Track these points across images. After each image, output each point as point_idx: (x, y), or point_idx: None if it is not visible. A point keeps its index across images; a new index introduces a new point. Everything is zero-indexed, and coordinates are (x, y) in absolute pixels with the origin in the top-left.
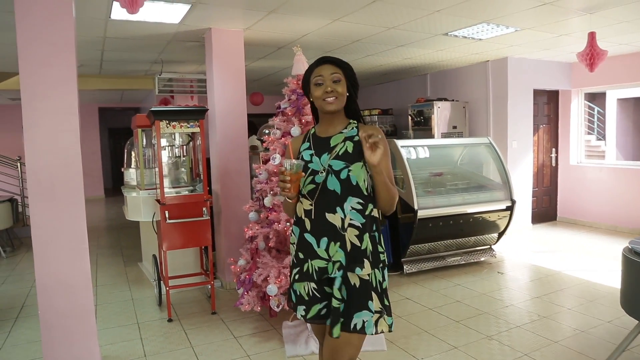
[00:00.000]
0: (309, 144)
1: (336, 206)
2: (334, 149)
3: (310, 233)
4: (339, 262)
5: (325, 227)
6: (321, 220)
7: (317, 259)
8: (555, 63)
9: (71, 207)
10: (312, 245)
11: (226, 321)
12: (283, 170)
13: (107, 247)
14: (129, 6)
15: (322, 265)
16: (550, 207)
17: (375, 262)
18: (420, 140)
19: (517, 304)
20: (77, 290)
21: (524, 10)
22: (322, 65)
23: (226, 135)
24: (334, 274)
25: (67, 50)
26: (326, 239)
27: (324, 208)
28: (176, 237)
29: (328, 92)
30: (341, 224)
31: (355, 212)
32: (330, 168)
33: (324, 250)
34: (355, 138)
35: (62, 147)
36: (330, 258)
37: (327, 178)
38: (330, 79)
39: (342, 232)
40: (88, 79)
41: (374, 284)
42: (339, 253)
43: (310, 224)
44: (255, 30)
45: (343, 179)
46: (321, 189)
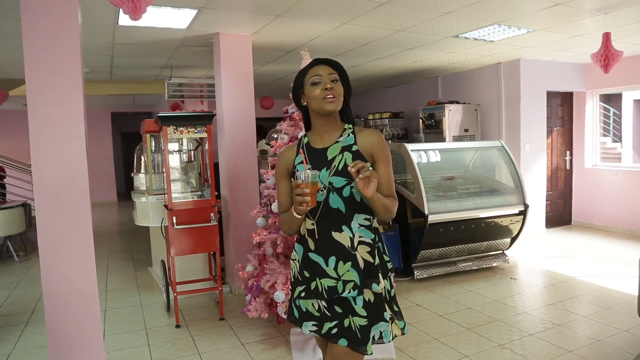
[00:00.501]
0: (301, 158)
1: (342, 225)
2: (332, 163)
3: (316, 252)
4: (352, 282)
5: (333, 246)
6: (327, 239)
7: (326, 278)
8: (569, 64)
9: (77, 213)
10: (319, 265)
11: (234, 327)
12: (299, 183)
13: (119, 252)
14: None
15: (332, 285)
16: (565, 210)
17: (385, 273)
18: (431, 144)
19: (530, 311)
20: (84, 297)
21: (536, 11)
22: (318, 65)
23: (235, 140)
24: (348, 294)
25: (72, 57)
26: (334, 258)
27: (328, 227)
28: (184, 242)
29: (328, 89)
30: (350, 243)
31: (364, 229)
32: (331, 185)
33: (332, 270)
34: (353, 148)
35: (68, 154)
36: (339, 277)
37: (329, 196)
38: (328, 78)
39: (353, 252)
40: (99, 84)
41: (384, 294)
42: (351, 273)
43: (315, 243)
44: (263, 35)
45: (346, 196)
46: (323, 208)
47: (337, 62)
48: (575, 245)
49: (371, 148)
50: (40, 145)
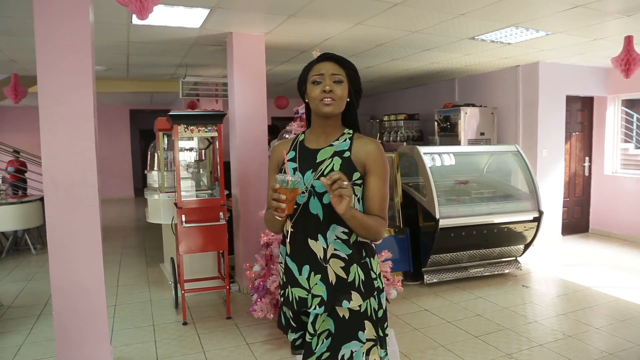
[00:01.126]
0: (294, 154)
1: (318, 233)
2: (320, 166)
3: (291, 257)
4: (319, 298)
5: (307, 253)
6: (302, 245)
7: (298, 287)
8: (590, 68)
9: (86, 210)
10: (292, 272)
11: (240, 327)
12: (276, 187)
13: (132, 247)
14: (138, 12)
15: (303, 296)
16: (582, 218)
17: (368, 291)
18: (444, 147)
19: (541, 321)
20: (91, 293)
21: (555, 13)
22: (324, 62)
23: (246, 140)
24: (314, 310)
25: (83, 56)
26: (308, 267)
27: (305, 233)
28: (192, 240)
29: (326, 91)
30: (323, 254)
31: (340, 242)
32: (313, 189)
33: (305, 279)
34: (345, 154)
35: (77, 151)
36: (310, 289)
37: (309, 200)
38: (330, 78)
39: (324, 264)
40: (117, 82)
41: (369, 312)
42: (319, 287)
43: (291, 247)
44: (277, 34)
45: (326, 203)
46: (302, 211)
47: (346, 60)
48: (592, 254)
49: (365, 158)
50: (50, 142)
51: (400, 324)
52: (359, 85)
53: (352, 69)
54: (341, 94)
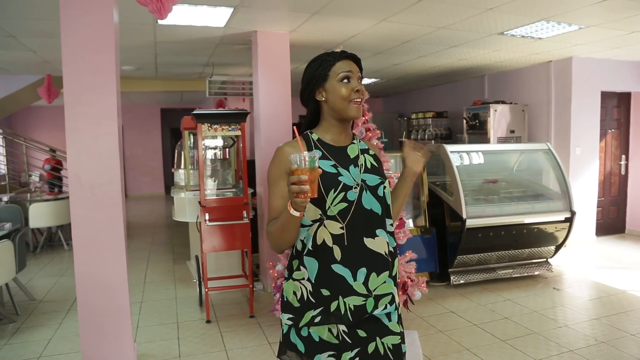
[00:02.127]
0: (321, 153)
1: (377, 229)
2: (358, 160)
3: (342, 264)
4: (389, 296)
5: (364, 255)
6: (358, 247)
7: (353, 296)
8: (627, 63)
9: (110, 209)
10: (345, 279)
11: (263, 326)
12: (294, 169)
13: (160, 244)
14: (158, 12)
15: (359, 303)
16: (618, 218)
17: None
18: (472, 146)
19: (572, 325)
20: (114, 290)
21: (588, 5)
22: (348, 60)
23: (271, 138)
24: (382, 311)
25: (108, 57)
26: (365, 270)
27: (359, 232)
28: (216, 239)
29: (358, 91)
30: (387, 250)
31: (390, 236)
32: (364, 183)
33: (361, 285)
34: (370, 152)
35: (102, 150)
36: (370, 292)
37: (361, 195)
38: (357, 78)
39: (390, 259)
40: (146, 81)
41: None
42: (387, 285)
43: (342, 252)
44: (301, 33)
45: (381, 196)
46: (355, 208)
47: (360, 61)
48: (628, 255)
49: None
50: (75, 141)
51: (424, 326)
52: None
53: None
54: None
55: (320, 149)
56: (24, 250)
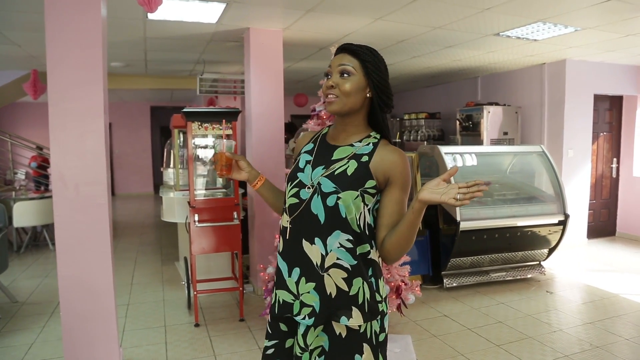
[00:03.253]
0: (312, 147)
1: (315, 236)
2: (332, 165)
3: (282, 256)
4: (310, 308)
5: (299, 256)
6: (296, 245)
7: (284, 290)
8: (619, 66)
9: (95, 209)
10: (281, 272)
11: (253, 330)
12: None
13: (148, 245)
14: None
15: (288, 300)
16: (609, 221)
17: (372, 312)
18: (466, 147)
19: (566, 330)
20: (99, 294)
21: (586, 7)
22: (339, 53)
23: (262, 138)
24: (302, 319)
25: (94, 52)
26: (298, 270)
27: (301, 232)
28: (205, 240)
29: (328, 86)
30: (320, 261)
31: (344, 251)
32: (318, 187)
33: (293, 283)
34: (363, 159)
35: (87, 148)
36: (298, 295)
37: (312, 197)
38: (337, 70)
39: (320, 272)
40: (136, 78)
41: (369, 335)
42: (311, 296)
43: (284, 245)
44: (295, 30)
45: (330, 206)
46: (303, 209)
47: (363, 49)
48: (620, 258)
49: (390, 168)
50: (59, 139)
51: (418, 330)
52: (382, 77)
53: (368, 60)
54: (348, 89)
55: (315, 144)
56: (5, 251)
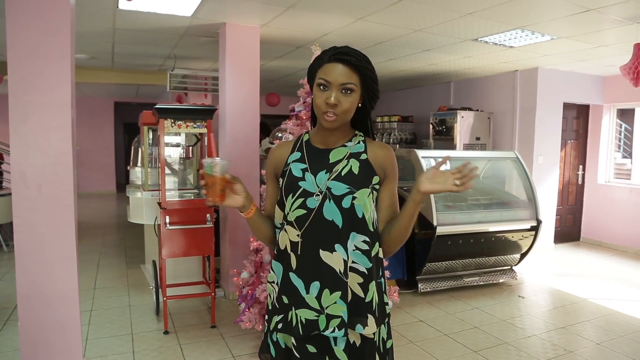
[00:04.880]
0: (300, 155)
1: (335, 243)
2: (335, 167)
3: (296, 273)
4: (339, 318)
5: (318, 268)
6: (312, 258)
7: (305, 309)
8: (588, 76)
9: (59, 211)
10: (298, 290)
11: (225, 337)
12: (201, 172)
13: (112, 246)
14: None
15: (312, 318)
16: (574, 226)
17: (381, 317)
18: (444, 152)
19: (540, 335)
20: (62, 303)
21: (564, 16)
22: (334, 63)
23: (236, 137)
24: (331, 333)
25: (62, 41)
26: (318, 284)
27: (317, 243)
28: (176, 244)
29: (330, 104)
30: (344, 268)
31: (360, 254)
32: (328, 191)
33: (314, 299)
34: (362, 156)
35: (52, 145)
36: (323, 309)
37: (324, 204)
38: (338, 88)
39: (345, 279)
40: (100, 72)
41: (378, 342)
42: (338, 306)
43: (297, 261)
44: (273, 27)
45: (346, 208)
46: (314, 218)
47: (363, 62)
48: (585, 263)
49: (384, 162)
50: (20, 134)
51: (395, 336)
52: (375, 89)
53: (367, 74)
54: (348, 107)
55: (302, 152)
56: None
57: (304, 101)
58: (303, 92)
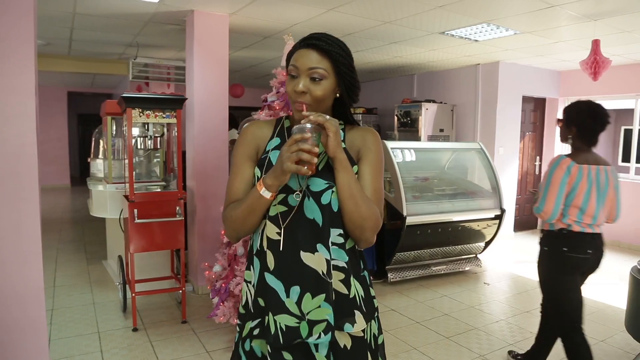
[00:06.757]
0: (280, 142)
1: (317, 242)
2: None
3: (274, 274)
4: (324, 323)
5: (299, 271)
6: (293, 259)
7: (285, 314)
8: (545, 70)
9: (22, 204)
10: (276, 293)
11: (198, 332)
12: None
13: (69, 242)
14: None
15: (292, 325)
16: (532, 215)
17: (369, 311)
18: (411, 143)
19: (507, 319)
20: (26, 302)
21: (528, 12)
22: (305, 49)
23: (205, 128)
24: (317, 339)
25: (24, 21)
26: (298, 288)
27: (297, 244)
28: (145, 238)
29: (297, 92)
30: (327, 268)
31: (337, 249)
32: (307, 188)
33: (294, 304)
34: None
35: (13, 134)
36: (303, 316)
37: (303, 202)
38: (307, 74)
39: (328, 279)
40: (55, 59)
41: (369, 339)
42: (323, 310)
43: (275, 260)
44: (242, 16)
45: (325, 204)
46: (294, 216)
47: (336, 47)
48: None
49: (359, 143)
50: None
51: None
52: (352, 77)
53: (341, 61)
54: (320, 96)
55: (282, 138)
56: None
57: (277, 91)
58: (276, 82)
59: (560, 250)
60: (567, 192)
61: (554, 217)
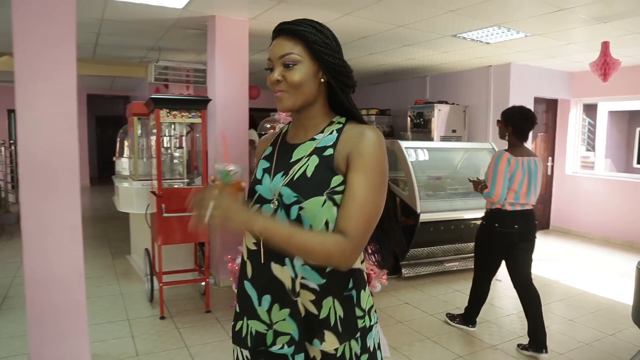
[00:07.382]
0: (271, 150)
1: (285, 256)
2: (292, 168)
3: (251, 282)
4: (288, 336)
5: (270, 280)
6: (265, 269)
7: (256, 320)
8: (556, 72)
9: (65, 196)
10: (251, 300)
11: (221, 321)
12: (212, 179)
13: (94, 238)
14: None
15: (261, 331)
16: (544, 215)
17: (348, 331)
18: (424, 143)
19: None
20: (69, 285)
21: (538, 15)
22: (275, 40)
23: (226, 128)
24: (279, 349)
25: (67, 28)
26: (269, 297)
27: (270, 254)
28: (172, 231)
29: (272, 81)
30: (291, 285)
31: (309, 270)
32: (280, 198)
33: (265, 312)
34: (327, 152)
35: (58, 131)
36: (271, 324)
37: (276, 213)
38: (280, 62)
39: (294, 297)
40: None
41: (348, 357)
42: (287, 323)
43: (252, 270)
44: (261, 21)
45: (293, 219)
46: None
47: (302, 26)
48: (555, 249)
49: (351, 147)
50: (27, 121)
51: (384, 317)
52: (334, 56)
53: (313, 39)
54: (298, 80)
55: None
56: None
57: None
58: None
59: (493, 225)
60: (508, 179)
61: (501, 199)
